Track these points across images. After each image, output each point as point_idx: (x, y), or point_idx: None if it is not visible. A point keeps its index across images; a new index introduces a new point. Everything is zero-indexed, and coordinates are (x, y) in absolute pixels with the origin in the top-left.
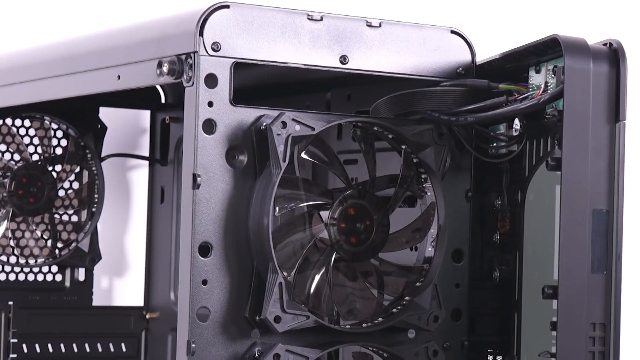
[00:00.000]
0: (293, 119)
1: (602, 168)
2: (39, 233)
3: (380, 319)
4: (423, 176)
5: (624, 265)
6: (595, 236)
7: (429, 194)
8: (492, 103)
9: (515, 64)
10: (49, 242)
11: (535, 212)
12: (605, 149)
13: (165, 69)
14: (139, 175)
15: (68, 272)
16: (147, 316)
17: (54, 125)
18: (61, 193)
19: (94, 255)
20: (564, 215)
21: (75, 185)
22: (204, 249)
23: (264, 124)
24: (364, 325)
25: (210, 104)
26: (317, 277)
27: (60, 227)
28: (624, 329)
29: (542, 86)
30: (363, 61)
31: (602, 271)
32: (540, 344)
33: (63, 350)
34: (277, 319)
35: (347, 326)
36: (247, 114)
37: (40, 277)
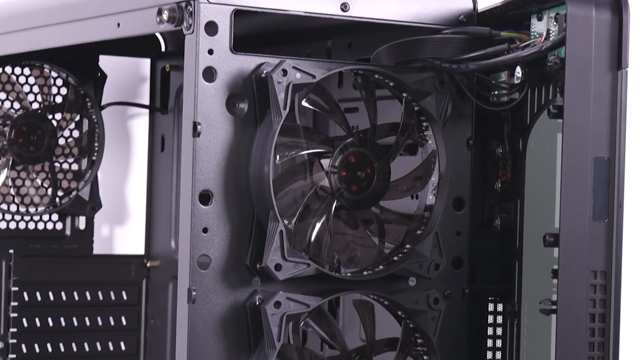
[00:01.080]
0: (294, 67)
1: (603, 116)
2: (39, 181)
3: (381, 266)
4: (424, 124)
5: (625, 213)
6: (596, 184)
7: (430, 142)
8: (493, 51)
9: (517, 12)
10: (49, 191)
11: (536, 160)
12: (607, 97)
13: (165, 16)
14: (139, 124)
15: (68, 220)
16: (148, 264)
17: (54, 74)
18: (61, 141)
19: (95, 203)
20: (566, 163)
21: (76, 133)
22: (205, 197)
23: (265, 71)
24: (365, 273)
25: (210, 52)
26: (318, 225)
27: (60, 176)
28: (625, 277)
29: (544, 34)
30: (364, 9)
31: (604, 219)
32: (541, 292)
33: (64, 298)
34: (278, 267)
35: (347, 274)
36: (248, 62)
37: (40, 226)
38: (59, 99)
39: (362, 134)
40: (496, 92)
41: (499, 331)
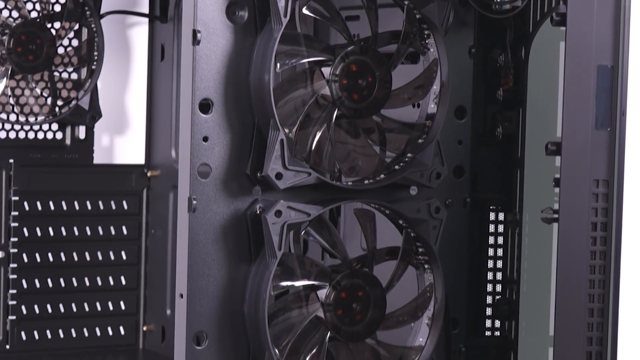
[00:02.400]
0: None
1: (607, 24)
2: (38, 91)
3: (382, 175)
4: (426, 32)
5: (628, 122)
6: (599, 92)
7: (431, 50)
8: None
9: None
10: (49, 100)
11: (539, 68)
12: (610, 4)
13: None
14: (139, 33)
15: (68, 130)
16: (148, 174)
17: None
18: (60, 50)
19: (94, 112)
20: (568, 71)
21: (75, 42)
22: (205, 106)
23: None
24: (366, 182)
25: None
26: (319, 134)
27: (60, 85)
28: (627, 186)
29: None
30: None
31: (606, 127)
32: (543, 201)
33: (64, 207)
34: (279, 176)
35: (348, 183)
36: None
37: (40, 135)
38: (57, 8)
39: (363, 42)
40: (499, 0)
41: (500, 240)
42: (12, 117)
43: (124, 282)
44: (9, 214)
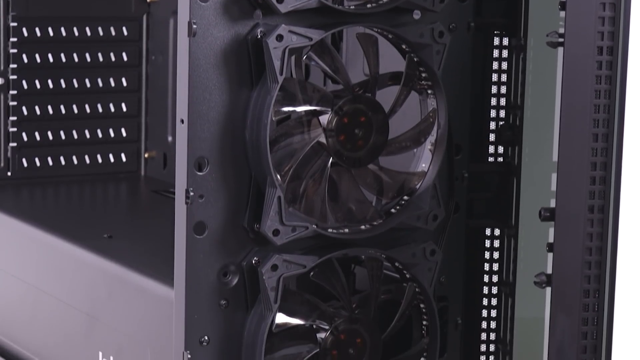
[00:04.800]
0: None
1: None
2: None
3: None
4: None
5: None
6: None
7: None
8: None
9: None
10: None
11: None
12: None
13: None
14: None
15: None
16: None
17: None
18: None
19: None
20: None
21: None
22: None
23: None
24: (369, 5)
25: None
26: None
27: None
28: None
29: None
30: None
31: None
32: (548, 25)
33: (63, 34)
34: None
35: (351, 7)
36: None
37: None
38: None
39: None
40: None
41: (504, 65)
42: None
43: (124, 109)
44: (8, 40)
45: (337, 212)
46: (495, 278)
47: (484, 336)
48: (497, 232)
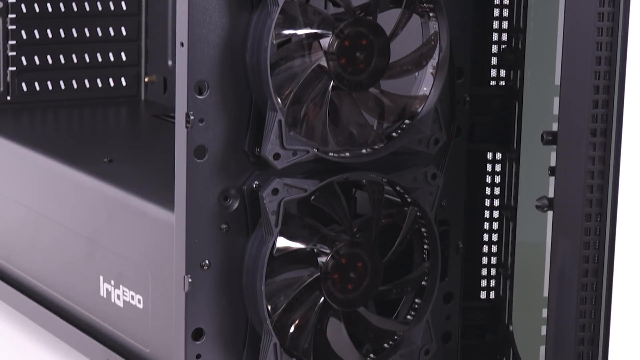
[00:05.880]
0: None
1: None
2: None
3: None
4: None
5: None
6: None
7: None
8: None
9: None
10: None
11: None
12: None
13: None
14: None
15: None
16: None
17: None
18: None
19: None
20: None
21: None
22: None
23: None
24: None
25: None
26: None
27: None
28: None
29: None
30: None
31: None
32: None
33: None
34: None
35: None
36: None
37: None
38: None
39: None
40: None
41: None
42: None
43: (124, 33)
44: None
45: (338, 136)
46: (496, 202)
47: (484, 260)
48: (498, 156)
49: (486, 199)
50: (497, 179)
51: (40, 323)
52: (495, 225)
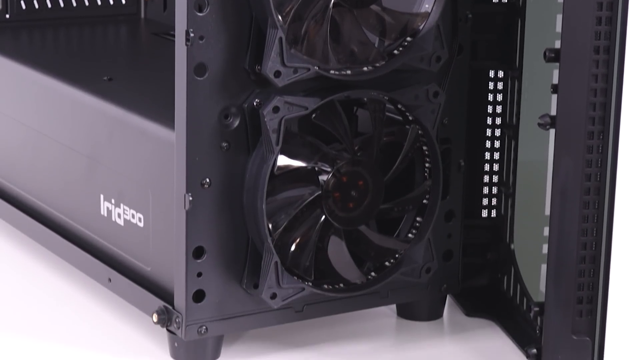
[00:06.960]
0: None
1: None
2: None
3: None
4: None
5: None
6: None
7: None
8: None
9: None
10: None
11: None
12: None
13: None
14: None
15: None
16: None
17: None
18: None
19: None
20: None
21: None
22: None
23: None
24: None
25: None
26: None
27: None
28: None
29: None
30: None
31: None
32: None
33: None
34: None
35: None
36: None
37: None
38: None
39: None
40: None
41: None
42: None
43: None
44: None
45: (339, 54)
46: (498, 120)
47: (486, 179)
48: (500, 74)
49: (488, 117)
50: (499, 97)
51: (41, 241)
52: (497, 144)
